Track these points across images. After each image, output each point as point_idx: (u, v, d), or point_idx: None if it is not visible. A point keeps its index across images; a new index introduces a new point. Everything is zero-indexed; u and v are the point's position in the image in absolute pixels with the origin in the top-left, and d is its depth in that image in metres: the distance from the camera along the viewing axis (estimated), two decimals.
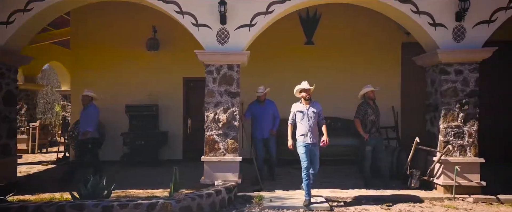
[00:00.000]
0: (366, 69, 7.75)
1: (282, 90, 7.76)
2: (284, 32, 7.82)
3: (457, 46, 4.78)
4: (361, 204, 4.50)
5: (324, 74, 7.88)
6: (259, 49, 7.97)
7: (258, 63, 7.94)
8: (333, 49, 7.88)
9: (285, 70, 7.82)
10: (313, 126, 4.49)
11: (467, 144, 4.78)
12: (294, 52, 7.88)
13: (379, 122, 5.19)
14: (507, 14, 4.74)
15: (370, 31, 7.64)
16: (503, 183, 5.28)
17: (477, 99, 4.82)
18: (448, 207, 4.35)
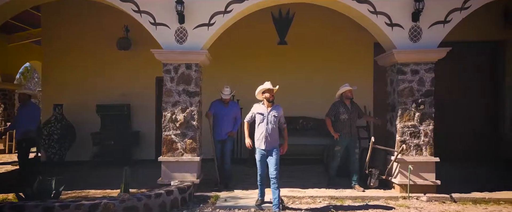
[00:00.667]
0: (339, 68, 7.78)
1: (252, 90, 7.88)
2: (258, 32, 7.84)
3: (413, 46, 4.82)
4: (316, 203, 4.52)
5: (297, 74, 7.91)
6: (232, 49, 8.08)
7: (231, 64, 7.96)
8: (306, 49, 7.91)
9: (258, 71, 7.81)
10: (271, 132, 4.18)
11: (423, 143, 4.82)
12: (267, 52, 7.88)
13: (353, 122, 5.10)
14: (461, 14, 4.79)
15: (343, 30, 7.67)
16: (467, 182, 5.36)
17: (432, 99, 4.87)
18: (401, 206, 4.38)
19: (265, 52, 7.87)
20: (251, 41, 7.87)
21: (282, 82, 7.77)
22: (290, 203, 4.53)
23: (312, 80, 7.91)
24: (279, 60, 7.89)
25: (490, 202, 4.53)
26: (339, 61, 7.84)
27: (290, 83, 8.24)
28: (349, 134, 5.03)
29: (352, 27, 7.90)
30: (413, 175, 4.78)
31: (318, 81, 7.84)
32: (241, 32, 8.05)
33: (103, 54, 7.84)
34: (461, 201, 4.57)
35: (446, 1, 4.78)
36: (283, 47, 7.89)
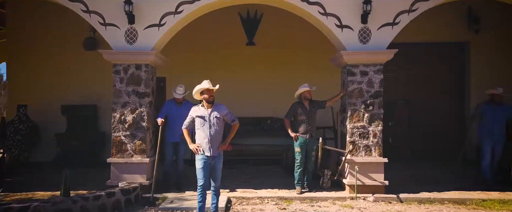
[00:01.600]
0: (307, 69, 7.80)
1: (222, 91, 7.88)
2: (226, 33, 7.84)
3: (362, 48, 4.86)
4: (263, 204, 4.53)
5: (265, 74, 7.93)
6: (200, 50, 8.06)
7: (199, 65, 7.94)
8: (274, 50, 7.92)
9: (227, 72, 7.83)
10: (214, 135, 3.81)
11: (372, 144, 4.87)
12: (236, 53, 7.88)
13: (312, 122, 5.05)
14: (409, 17, 4.84)
15: (311, 31, 7.69)
16: (422, 182, 5.42)
17: (381, 100, 4.92)
18: (345, 206, 4.41)
19: (234, 53, 7.87)
20: (220, 42, 7.86)
21: (250, 83, 8.01)
22: (237, 204, 4.53)
23: (280, 81, 7.92)
24: (248, 61, 7.89)
25: (435, 202, 4.59)
26: (307, 62, 7.86)
27: (258, 84, 8.28)
28: (308, 134, 5.00)
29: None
30: (362, 176, 4.82)
31: (287, 82, 7.81)
32: (210, 33, 8.07)
33: (70, 54, 7.76)
34: (407, 201, 4.63)
35: (394, 4, 4.83)
36: (252, 48, 7.90)
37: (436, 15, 7.53)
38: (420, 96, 7.89)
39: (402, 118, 7.96)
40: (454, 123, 7.87)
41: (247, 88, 7.87)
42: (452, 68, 7.95)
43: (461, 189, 5.06)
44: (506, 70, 7.44)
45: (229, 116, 4.03)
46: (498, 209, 4.30)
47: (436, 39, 7.73)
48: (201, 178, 3.81)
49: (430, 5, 4.85)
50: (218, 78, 7.84)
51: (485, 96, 7.59)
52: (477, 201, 4.53)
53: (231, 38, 7.83)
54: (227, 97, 8.00)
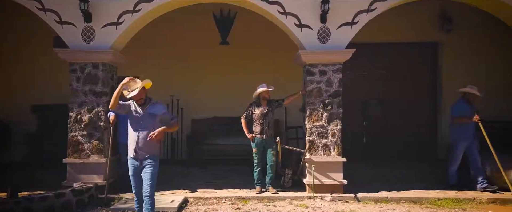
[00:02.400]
0: (280, 69, 7.78)
1: (197, 91, 7.87)
2: (200, 32, 7.80)
3: (321, 47, 4.86)
4: (219, 204, 4.51)
5: (238, 74, 7.88)
6: (174, 49, 8.01)
7: (173, 64, 7.89)
8: (248, 49, 7.89)
9: (201, 71, 7.81)
10: (146, 136, 3.39)
11: (331, 143, 4.87)
12: (209, 52, 7.84)
13: (269, 122, 5.03)
14: (368, 16, 4.85)
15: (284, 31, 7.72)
16: (386, 181, 5.44)
17: (340, 100, 4.92)
18: (300, 206, 4.42)
19: (208, 52, 7.83)
20: (194, 41, 7.82)
21: (224, 83, 7.98)
22: (193, 204, 4.50)
23: (254, 81, 7.83)
24: (222, 60, 7.86)
25: (392, 201, 4.61)
26: (279, 62, 7.83)
27: (232, 84, 8.26)
28: (264, 134, 4.97)
29: None
30: (321, 175, 4.82)
31: (259, 82, 7.75)
32: (184, 32, 8.03)
33: (41, 53, 7.65)
34: (365, 201, 4.64)
35: (352, 3, 4.83)
36: (226, 47, 7.87)
37: (409, 15, 7.58)
38: (394, 96, 7.92)
39: (376, 118, 8.02)
40: (427, 122, 7.92)
41: (221, 87, 7.84)
42: (425, 68, 7.99)
43: (424, 188, 5.09)
44: (477, 70, 7.49)
45: (167, 115, 3.64)
46: (450, 208, 4.33)
47: (409, 39, 7.76)
48: (133, 186, 3.48)
49: (388, 5, 4.86)
50: (192, 77, 8.01)
51: (455, 95, 7.78)
52: (433, 200, 4.56)
53: (205, 37, 7.78)
54: (201, 96, 8.05)
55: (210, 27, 7.73)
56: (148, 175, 3.45)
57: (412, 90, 7.94)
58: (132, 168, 3.49)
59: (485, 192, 4.82)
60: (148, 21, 5.16)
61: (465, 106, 5.22)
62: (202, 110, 7.86)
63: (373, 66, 8.11)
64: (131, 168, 3.49)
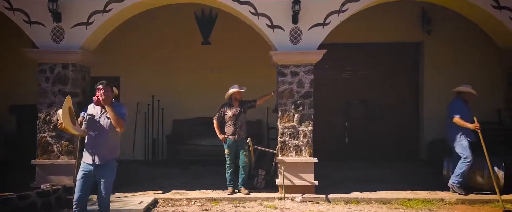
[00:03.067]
0: (262, 69, 7.75)
1: (179, 91, 7.84)
2: (182, 32, 7.77)
3: (293, 48, 4.86)
4: (189, 205, 4.49)
5: (220, 74, 7.86)
6: (155, 49, 7.96)
7: (154, 63, 7.86)
8: (230, 49, 7.87)
9: (182, 70, 7.78)
10: (104, 139, 3.23)
11: (302, 144, 4.87)
12: (191, 52, 7.82)
13: (242, 123, 5.02)
14: (340, 17, 4.84)
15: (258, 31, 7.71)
16: (361, 182, 5.46)
17: (312, 101, 4.91)
18: (269, 207, 4.41)
19: (190, 52, 7.80)
20: (175, 41, 7.79)
21: (206, 83, 7.94)
22: (161, 205, 4.48)
23: (236, 81, 7.79)
24: (203, 60, 7.83)
25: (362, 202, 4.62)
26: (261, 62, 7.81)
27: (213, 84, 8.19)
28: (236, 135, 4.96)
29: None
30: (293, 176, 4.82)
31: (240, 82, 7.77)
32: (166, 32, 7.99)
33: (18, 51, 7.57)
34: (335, 201, 4.64)
35: (324, 4, 4.83)
36: (207, 47, 7.84)
37: (392, 16, 7.61)
38: (377, 96, 7.93)
39: (358, 118, 8.04)
40: (409, 122, 7.94)
41: (202, 88, 7.82)
42: (408, 68, 8.01)
43: (399, 189, 5.09)
44: (457, 70, 7.52)
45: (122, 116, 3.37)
46: (418, 208, 4.35)
47: (392, 39, 7.77)
48: (77, 192, 3.19)
49: (360, 6, 4.86)
50: (173, 78, 7.98)
51: (436, 96, 7.82)
52: (403, 201, 4.57)
53: (186, 37, 7.75)
54: (182, 97, 8.02)
55: (191, 27, 7.70)
56: (106, 183, 3.23)
57: (395, 90, 7.95)
58: (83, 172, 3.21)
59: (455, 192, 4.79)
60: (120, 21, 5.12)
61: (462, 105, 4.95)
62: (184, 110, 7.83)
63: (356, 67, 8.14)
64: (82, 172, 3.22)
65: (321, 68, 8.16)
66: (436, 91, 7.80)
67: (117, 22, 5.09)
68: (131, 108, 8.12)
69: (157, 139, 7.85)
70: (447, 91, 7.67)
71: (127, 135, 8.30)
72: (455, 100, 5.09)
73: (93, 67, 5.45)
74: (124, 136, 7.71)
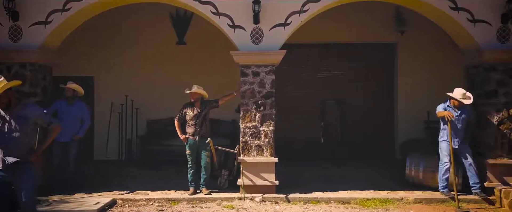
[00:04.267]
0: (237, 69, 7.77)
1: (153, 90, 7.80)
2: (156, 32, 7.73)
3: (255, 48, 4.86)
4: (147, 205, 4.47)
5: (195, 74, 7.82)
6: (129, 48, 7.91)
7: (128, 63, 7.82)
8: (204, 49, 7.84)
9: (156, 70, 7.75)
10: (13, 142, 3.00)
11: (263, 144, 4.87)
12: (166, 52, 7.79)
13: (203, 123, 5.02)
14: (301, 17, 4.85)
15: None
16: (326, 182, 5.49)
17: (273, 101, 4.92)
18: (226, 207, 4.40)
19: (164, 52, 7.77)
20: (150, 41, 7.75)
21: (180, 83, 7.88)
22: (119, 206, 4.45)
23: (209, 81, 7.79)
24: (178, 60, 7.81)
25: (321, 201, 4.64)
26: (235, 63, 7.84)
27: (188, 84, 8.13)
28: (197, 136, 4.95)
29: None
30: (254, 176, 4.82)
31: (216, 82, 7.76)
32: (140, 32, 7.94)
33: None
34: (295, 201, 4.65)
35: (285, 5, 4.84)
36: (182, 47, 7.82)
37: (367, 16, 7.66)
38: (353, 97, 7.97)
39: (334, 118, 8.07)
40: (384, 122, 7.99)
41: (177, 88, 7.74)
42: (383, 68, 8.06)
43: (364, 188, 5.13)
44: (429, 71, 7.59)
45: (43, 118, 3.23)
46: (374, 208, 4.38)
47: (367, 39, 7.82)
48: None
49: (321, 6, 4.87)
50: (148, 77, 7.94)
51: (410, 97, 7.89)
52: (361, 200, 4.59)
53: (161, 37, 7.73)
54: (157, 97, 7.98)
55: (166, 27, 7.68)
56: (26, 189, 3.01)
57: (370, 90, 8.00)
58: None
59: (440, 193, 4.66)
60: (81, 21, 5.08)
61: (446, 106, 4.80)
62: (158, 110, 7.78)
63: (332, 67, 8.17)
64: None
65: (297, 68, 8.29)
66: (409, 92, 7.89)
67: (78, 22, 5.05)
68: (105, 107, 8.15)
69: (131, 139, 7.82)
70: (420, 92, 7.85)
71: (100, 135, 8.30)
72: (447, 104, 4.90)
73: (63, 67, 5.42)
74: (98, 136, 7.84)
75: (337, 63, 8.24)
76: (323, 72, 8.31)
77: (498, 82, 4.71)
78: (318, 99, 8.17)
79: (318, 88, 8.19)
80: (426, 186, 5.05)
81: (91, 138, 8.26)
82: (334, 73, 8.22)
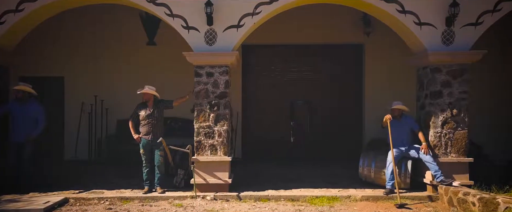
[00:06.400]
0: None
1: (124, 91, 7.83)
2: (127, 32, 7.77)
3: (209, 49, 4.95)
4: (98, 205, 4.52)
5: (165, 74, 7.89)
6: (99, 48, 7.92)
7: (98, 63, 7.84)
8: (174, 50, 7.84)
9: (127, 70, 7.79)
10: None
11: (217, 143, 4.96)
12: (136, 52, 7.83)
13: (156, 123, 5.05)
14: (253, 19, 4.94)
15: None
16: (287, 181, 5.59)
17: (227, 101, 5.01)
18: (176, 205, 4.48)
19: (135, 52, 7.81)
20: (120, 41, 7.80)
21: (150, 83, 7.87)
22: (70, 205, 4.50)
23: (180, 81, 7.91)
24: (149, 60, 7.86)
25: (272, 199, 4.74)
26: None
27: (158, 84, 8.13)
28: (150, 135, 5.00)
29: None
30: (207, 174, 4.91)
31: (185, 82, 7.85)
32: (111, 32, 7.96)
33: None
34: (245, 199, 4.75)
35: (238, 7, 4.93)
36: (153, 48, 7.87)
37: (336, 17, 7.78)
38: (322, 97, 8.12)
39: (303, 118, 8.20)
40: (352, 122, 8.13)
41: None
42: (351, 69, 8.22)
43: (319, 187, 5.22)
44: (393, 71, 7.75)
45: None
46: (321, 205, 4.49)
47: (336, 40, 7.95)
48: None
49: (273, 8, 4.95)
50: (117, 77, 7.97)
51: (376, 97, 8.03)
52: (310, 198, 4.71)
53: (131, 37, 7.77)
54: (127, 97, 7.98)
55: (136, 27, 7.72)
56: None
57: (339, 91, 8.15)
58: None
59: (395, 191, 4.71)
60: (38, 21, 5.11)
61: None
62: (128, 110, 7.61)
63: (302, 68, 8.30)
64: None
65: (267, 69, 8.40)
66: (376, 92, 8.04)
67: (33, 22, 5.08)
68: (76, 107, 8.16)
69: (101, 139, 7.85)
70: (386, 92, 7.99)
71: (71, 135, 8.31)
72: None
73: (33, 67, 5.42)
74: (67, 136, 7.85)
75: (306, 63, 8.39)
76: (292, 72, 8.45)
77: (443, 83, 4.87)
78: (288, 99, 8.32)
79: (287, 89, 8.32)
80: (378, 184, 5.20)
81: (61, 138, 8.30)
82: (303, 74, 8.37)
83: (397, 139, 5.03)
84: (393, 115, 5.11)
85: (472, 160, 4.82)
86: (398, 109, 5.09)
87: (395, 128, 5.04)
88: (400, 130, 5.06)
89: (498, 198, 3.75)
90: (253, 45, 8.10)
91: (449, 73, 4.86)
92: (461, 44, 4.84)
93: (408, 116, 5.21)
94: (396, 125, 5.07)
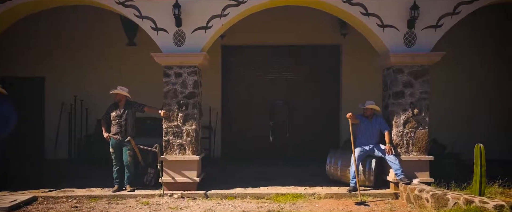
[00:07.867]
0: None
1: (102, 92, 7.88)
2: (107, 32, 7.84)
3: (177, 50, 5.05)
4: (65, 203, 4.61)
5: (145, 75, 7.96)
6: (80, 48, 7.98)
7: (79, 63, 7.90)
8: (154, 51, 7.85)
9: (108, 71, 7.85)
10: None
11: (186, 143, 5.06)
12: (116, 53, 7.90)
13: (126, 123, 5.13)
14: (221, 21, 5.05)
15: None
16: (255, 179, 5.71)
17: (196, 101, 5.11)
18: (142, 203, 4.58)
19: (115, 53, 7.88)
20: (101, 41, 7.86)
21: (132, 84, 7.98)
22: (37, 203, 4.57)
23: (161, 83, 7.95)
24: (128, 61, 7.93)
25: (238, 197, 4.85)
26: None
27: (138, 85, 8.25)
28: (119, 135, 5.10)
29: None
30: (176, 173, 5.01)
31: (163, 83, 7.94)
32: (91, 32, 8.01)
33: None
34: (212, 197, 4.85)
35: (206, 8, 5.04)
36: (133, 48, 7.94)
37: (314, 18, 7.89)
38: (301, 97, 8.24)
39: (282, 118, 8.32)
40: (330, 122, 8.26)
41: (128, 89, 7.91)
42: (329, 69, 8.35)
43: (287, 185, 5.35)
44: (371, 72, 7.84)
45: None
46: (284, 202, 4.60)
47: (314, 41, 8.07)
48: None
49: (241, 11, 5.06)
50: (97, 78, 8.02)
51: (353, 97, 8.15)
52: (275, 196, 4.82)
53: (111, 38, 7.84)
54: (107, 97, 8.01)
55: (117, 28, 7.79)
56: None
57: (317, 91, 8.27)
58: None
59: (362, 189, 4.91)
60: (7, 23, 5.16)
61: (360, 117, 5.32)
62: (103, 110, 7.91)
63: (281, 68, 8.42)
64: None
65: (247, 69, 8.51)
66: (353, 93, 8.14)
67: (3, 26, 5.13)
68: (56, 107, 8.21)
69: (81, 138, 7.91)
70: (362, 92, 8.11)
71: (50, 134, 8.36)
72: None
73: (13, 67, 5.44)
74: (47, 135, 7.90)
75: (285, 64, 8.50)
76: (272, 73, 8.57)
77: (405, 83, 5.01)
78: (267, 99, 8.43)
79: (267, 89, 8.43)
80: (344, 182, 5.33)
81: (42, 138, 8.36)
82: (283, 75, 8.48)
83: (364, 138, 5.17)
84: (365, 114, 5.25)
85: (433, 158, 4.96)
86: (371, 108, 5.20)
87: (365, 127, 5.20)
88: (370, 129, 5.19)
89: (448, 194, 3.88)
90: (234, 46, 8.24)
91: (410, 74, 5.00)
92: (423, 46, 4.99)
93: (380, 116, 5.32)
94: (367, 124, 5.21)
